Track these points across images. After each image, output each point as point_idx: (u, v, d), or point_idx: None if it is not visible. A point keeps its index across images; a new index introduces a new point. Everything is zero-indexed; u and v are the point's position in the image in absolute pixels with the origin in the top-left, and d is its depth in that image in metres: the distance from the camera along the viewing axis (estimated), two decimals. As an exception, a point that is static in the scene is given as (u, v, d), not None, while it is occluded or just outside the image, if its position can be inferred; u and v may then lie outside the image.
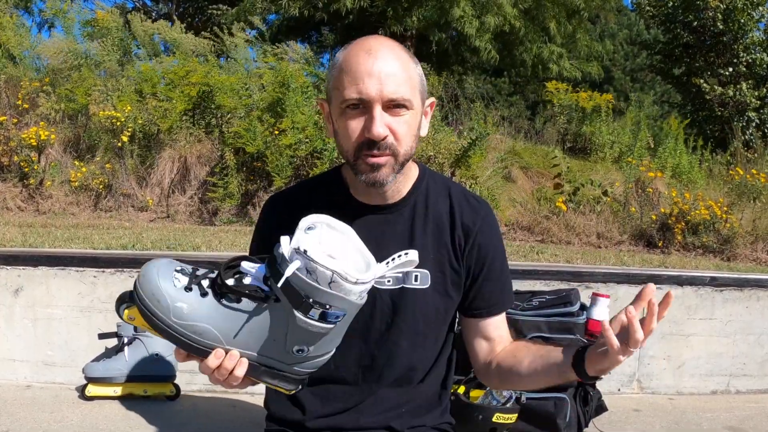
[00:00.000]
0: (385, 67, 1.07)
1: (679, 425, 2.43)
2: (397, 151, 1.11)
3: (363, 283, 0.88)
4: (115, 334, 2.28)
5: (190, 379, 2.44)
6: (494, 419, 1.88)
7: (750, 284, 2.91)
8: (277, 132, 5.14)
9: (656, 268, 3.80)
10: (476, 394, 1.99)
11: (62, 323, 2.44)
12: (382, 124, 1.07)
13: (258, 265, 0.93)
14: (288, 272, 0.85)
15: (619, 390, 2.75)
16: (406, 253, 0.92)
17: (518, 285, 2.49)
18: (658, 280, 2.78)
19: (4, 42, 6.10)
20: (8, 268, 2.44)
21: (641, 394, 2.78)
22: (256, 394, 2.37)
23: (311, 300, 0.87)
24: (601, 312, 2.21)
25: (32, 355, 2.44)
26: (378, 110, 1.07)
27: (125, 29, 6.78)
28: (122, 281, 2.46)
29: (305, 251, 0.85)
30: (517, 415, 1.94)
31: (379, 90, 1.06)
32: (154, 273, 0.91)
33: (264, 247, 1.21)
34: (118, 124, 5.23)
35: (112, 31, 6.33)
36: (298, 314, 0.88)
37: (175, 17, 13.04)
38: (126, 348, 2.25)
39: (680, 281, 2.81)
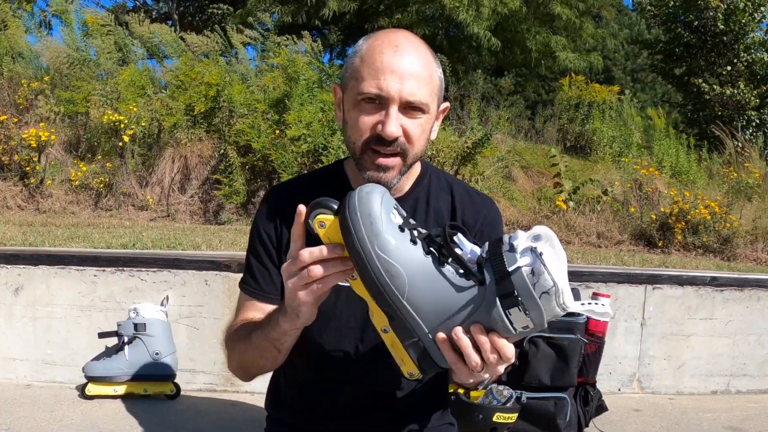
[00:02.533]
0: (409, 66, 1.06)
1: (680, 425, 2.43)
2: (407, 153, 1.10)
3: (564, 309, 0.86)
4: (116, 333, 2.27)
5: (191, 378, 2.44)
6: (494, 419, 1.88)
7: (750, 284, 2.91)
8: (278, 131, 5.14)
9: (656, 267, 3.80)
10: (476, 393, 1.99)
11: (62, 322, 2.44)
12: (396, 124, 1.06)
13: (473, 244, 0.90)
14: (520, 263, 0.83)
15: (619, 390, 2.75)
16: (603, 305, 0.88)
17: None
18: (658, 279, 2.77)
19: (9, 39, 6.10)
20: (8, 267, 2.44)
21: (641, 394, 2.77)
22: (256, 394, 2.37)
23: (519, 299, 0.84)
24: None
25: (32, 354, 2.44)
26: (394, 110, 1.06)
27: (124, 29, 6.78)
28: (122, 280, 2.46)
29: (541, 253, 0.83)
30: (517, 414, 1.94)
31: (399, 89, 1.05)
32: (378, 197, 0.88)
33: (272, 239, 1.21)
34: (122, 126, 5.24)
35: (107, 35, 6.32)
36: (499, 305, 0.85)
37: (175, 16, 13.05)
38: (126, 347, 2.25)
39: (680, 281, 2.81)
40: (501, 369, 0.91)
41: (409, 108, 1.07)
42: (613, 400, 2.46)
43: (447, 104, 1.19)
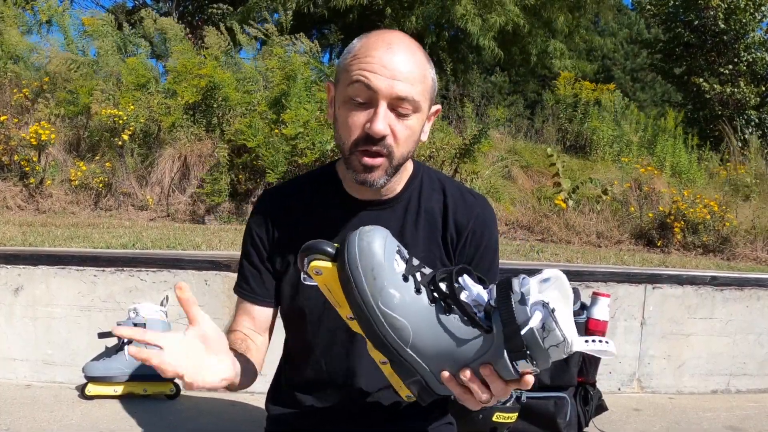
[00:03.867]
0: (401, 64, 1.04)
1: (680, 425, 2.43)
2: (393, 154, 1.08)
3: (569, 354, 0.83)
4: (115, 333, 2.27)
5: (190, 378, 2.44)
6: (494, 418, 1.88)
7: (750, 284, 2.91)
8: (274, 129, 5.13)
9: (656, 267, 3.79)
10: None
11: (62, 322, 2.44)
12: (384, 122, 1.04)
13: (479, 285, 0.87)
14: (533, 324, 0.79)
15: (619, 389, 2.75)
16: (608, 342, 0.85)
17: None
18: (658, 279, 2.77)
19: (7, 41, 6.10)
20: (8, 267, 2.44)
21: (641, 394, 2.77)
22: (256, 393, 2.37)
23: (528, 351, 0.82)
24: (602, 311, 2.21)
25: (32, 354, 2.44)
26: (383, 107, 1.04)
27: (128, 28, 6.78)
28: (122, 280, 2.46)
29: (554, 310, 0.80)
30: (517, 414, 1.94)
31: (390, 85, 1.03)
32: (380, 245, 0.83)
33: (264, 242, 1.21)
34: (120, 122, 5.23)
35: (107, 35, 6.32)
36: (506, 358, 0.82)
37: (174, 16, 13.05)
38: (126, 347, 2.25)
39: (680, 281, 2.81)
40: (509, 393, 0.90)
41: (399, 106, 1.05)
42: (613, 400, 2.46)
43: (438, 107, 1.18)
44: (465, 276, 0.87)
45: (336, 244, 0.87)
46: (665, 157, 6.83)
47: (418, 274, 0.85)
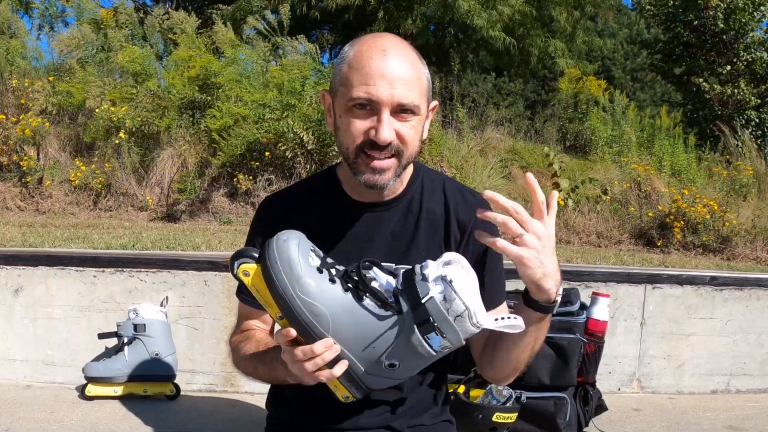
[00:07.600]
0: (398, 69, 1.06)
1: (680, 425, 2.43)
2: (402, 154, 1.10)
3: (479, 327, 0.93)
4: (115, 334, 2.27)
5: (190, 379, 2.44)
6: (494, 418, 1.88)
7: (750, 283, 2.91)
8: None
9: (656, 267, 3.80)
10: (476, 393, 1.99)
11: (62, 323, 2.44)
12: (389, 128, 1.07)
13: (388, 275, 0.97)
14: (433, 293, 0.90)
15: (619, 389, 2.75)
16: (516, 318, 0.96)
17: (519, 284, 2.46)
18: (658, 279, 2.78)
19: (11, 42, 6.11)
20: (8, 267, 2.44)
21: (641, 394, 2.78)
22: (256, 394, 2.37)
23: (435, 324, 0.91)
24: (602, 311, 2.21)
25: (32, 354, 2.44)
26: (386, 114, 1.06)
27: (139, 24, 6.80)
28: (122, 281, 2.46)
29: (451, 281, 0.91)
30: (517, 414, 1.94)
31: (390, 94, 1.05)
32: (295, 243, 0.94)
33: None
34: (116, 119, 5.23)
35: (122, 26, 6.35)
36: (417, 332, 0.92)
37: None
38: (126, 348, 2.25)
39: (680, 281, 2.80)
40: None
41: (401, 111, 1.08)
42: (613, 400, 2.46)
43: (435, 103, 1.20)
44: (375, 268, 0.97)
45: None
46: (664, 156, 6.84)
47: (332, 269, 0.96)
